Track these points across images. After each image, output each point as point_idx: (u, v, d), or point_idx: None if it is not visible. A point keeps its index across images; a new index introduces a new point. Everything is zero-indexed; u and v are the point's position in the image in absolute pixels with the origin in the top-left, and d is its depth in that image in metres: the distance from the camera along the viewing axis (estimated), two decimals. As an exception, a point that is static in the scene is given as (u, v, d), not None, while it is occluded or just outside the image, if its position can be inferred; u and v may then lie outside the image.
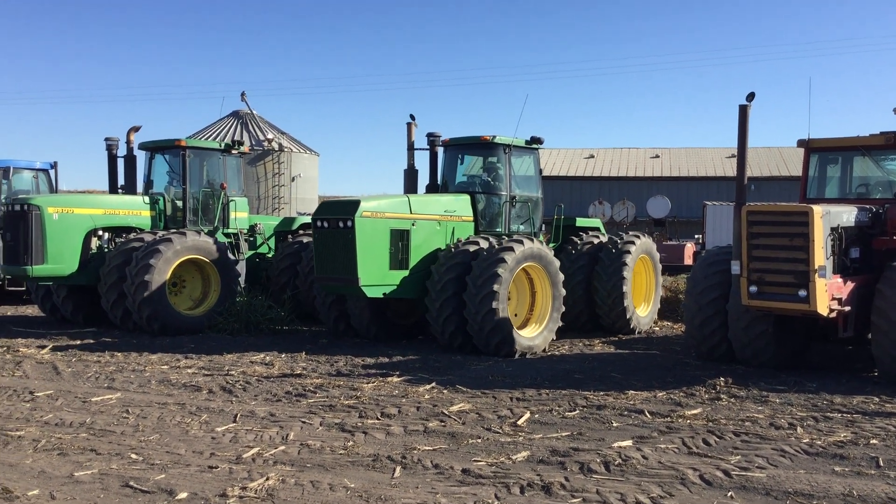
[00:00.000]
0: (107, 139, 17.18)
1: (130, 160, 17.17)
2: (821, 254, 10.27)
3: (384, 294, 12.77)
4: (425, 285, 12.95)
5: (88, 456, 6.79)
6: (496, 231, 14.23)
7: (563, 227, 15.48)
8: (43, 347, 12.92)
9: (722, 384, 10.00)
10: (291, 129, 66.42)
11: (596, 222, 16.52)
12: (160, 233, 15.22)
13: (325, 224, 12.72)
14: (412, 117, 15.73)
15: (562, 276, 13.69)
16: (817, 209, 10.35)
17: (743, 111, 10.86)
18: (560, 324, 13.74)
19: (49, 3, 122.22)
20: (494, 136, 14.16)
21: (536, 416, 8.45)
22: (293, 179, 33.64)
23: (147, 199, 16.39)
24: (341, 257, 12.46)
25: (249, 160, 31.32)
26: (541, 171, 15.36)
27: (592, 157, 59.31)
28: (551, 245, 15.01)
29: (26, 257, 14.53)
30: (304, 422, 8.11)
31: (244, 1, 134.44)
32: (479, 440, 7.45)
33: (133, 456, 6.79)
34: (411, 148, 15.70)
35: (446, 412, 8.54)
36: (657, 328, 16.54)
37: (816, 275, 10.19)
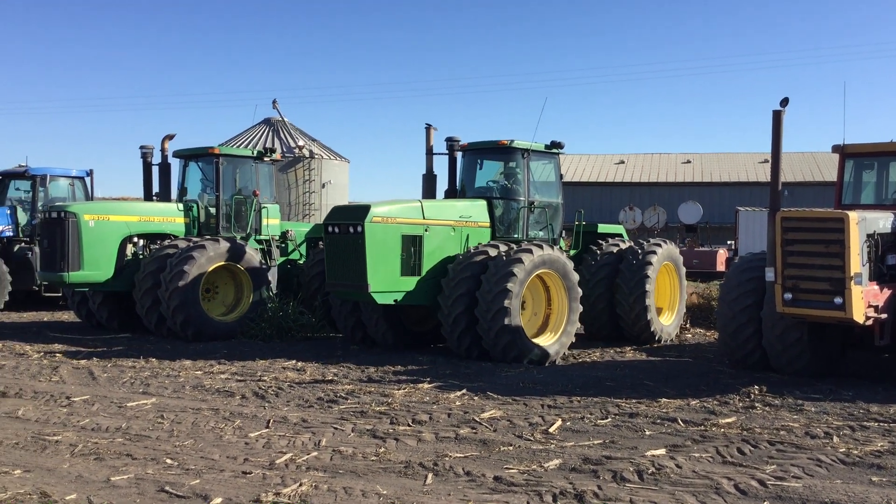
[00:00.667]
0: (142, 147, 17.43)
1: (165, 168, 17.40)
2: (857, 260, 10.15)
3: (395, 301, 12.61)
4: (439, 292, 12.78)
5: (124, 461, 6.88)
6: (514, 237, 13.99)
7: (585, 233, 15.23)
8: (79, 353, 13.11)
9: (756, 392, 9.89)
10: (322, 135, 66.90)
11: (619, 229, 16.18)
12: (194, 239, 15.39)
13: (336, 229, 12.55)
14: (429, 125, 15.67)
15: (577, 279, 13.37)
16: (853, 215, 10.23)
17: (777, 116, 10.75)
18: (578, 330, 13.43)
19: (82, 11, 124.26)
20: (512, 141, 14.02)
21: (568, 423, 8.42)
22: (324, 186, 33.87)
23: (181, 206, 16.58)
24: (352, 263, 12.31)
25: (281, 167, 31.59)
26: (561, 177, 15.15)
27: (623, 162, 59.03)
28: (572, 252, 14.80)
29: (63, 264, 14.77)
30: (336, 428, 8.15)
31: (275, 9, 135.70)
32: (511, 447, 7.44)
33: (168, 461, 6.86)
34: (430, 153, 15.54)
35: (477, 419, 8.54)
36: (689, 335, 16.40)
37: (852, 282, 10.06)
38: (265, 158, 17.21)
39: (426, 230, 12.96)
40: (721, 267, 33.33)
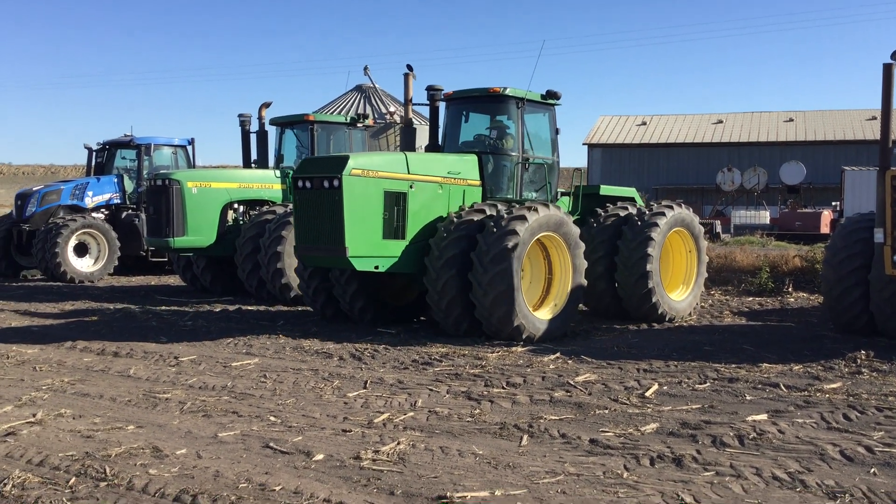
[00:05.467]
0: (240, 115, 17.85)
1: (262, 135, 17.80)
2: (975, 220, 9.63)
3: (376, 267, 11.11)
4: (425, 259, 11.37)
5: (230, 418, 7.15)
6: (506, 198, 12.40)
7: (588, 196, 13.54)
8: (185, 314, 13.64)
9: (863, 357, 9.55)
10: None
11: (630, 192, 14.29)
12: (291, 205, 15.72)
13: (308, 184, 10.99)
14: (409, 68, 14.17)
15: (583, 247, 11.97)
16: (972, 173, 9.68)
17: (887, 70, 10.24)
18: (581, 307, 11.94)
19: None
20: (505, 89, 12.35)
21: (665, 387, 8.31)
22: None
23: (278, 172, 16.94)
24: (326, 223, 10.81)
25: (373, 133, 31.80)
26: (557, 131, 13.20)
27: (721, 122, 57.29)
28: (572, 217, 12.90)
29: (168, 230, 15.33)
30: (431, 389, 8.26)
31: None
32: (606, 411, 7.40)
33: (272, 418, 7.09)
34: (408, 102, 14.19)
35: (572, 382, 8.52)
36: (792, 299, 15.91)
37: (969, 243, 9.56)
38: (358, 125, 17.39)
39: (411, 186, 11.40)
40: (825, 229, 32.23)
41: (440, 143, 13.23)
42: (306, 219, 11.12)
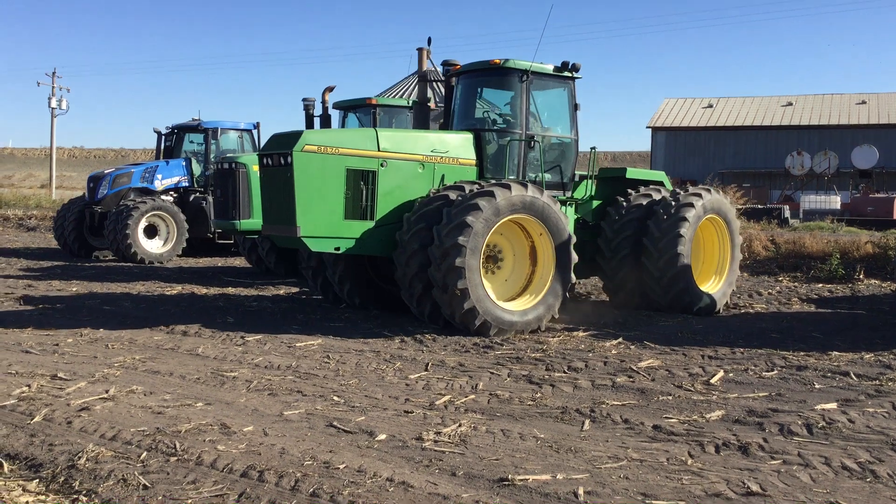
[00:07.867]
0: (304, 99, 17.99)
1: (326, 119, 17.91)
2: None
3: (336, 249, 10.60)
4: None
5: (295, 397, 7.26)
6: (495, 178, 11.45)
7: (608, 178, 12.67)
8: (250, 296, 13.89)
9: (939, 347, 9.26)
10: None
11: (658, 175, 13.31)
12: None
13: (270, 161, 10.58)
14: (429, 41, 13.64)
15: (567, 229, 10.91)
16: None
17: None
18: (566, 293, 10.90)
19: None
20: (506, 60, 11.50)
21: (730, 374, 8.17)
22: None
23: (341, 156, 17.05)
24: (283, 201, 10.36)
25: (434, 116, 31.85)
26: (577, 107, 12.19)
27: (790, 104, 55.87)
28: (594, 203, 12.63)
29: (234, 212, 15.58)
30: (492, 373, 8.27)
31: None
32: (670, 397, 7.31)
33: (335, 398, 7.19)
34: (423, 79, 13.62)
35: (634, 368, 8.43)
36: (863, 286, 15.47)
37: None
38: (420, 108, 17.39)
39: (382, 165, 10.78)
40: (899, 215, 31.28)
41: (450, 120, 12.48)
42: (268, 197, 10.81)
